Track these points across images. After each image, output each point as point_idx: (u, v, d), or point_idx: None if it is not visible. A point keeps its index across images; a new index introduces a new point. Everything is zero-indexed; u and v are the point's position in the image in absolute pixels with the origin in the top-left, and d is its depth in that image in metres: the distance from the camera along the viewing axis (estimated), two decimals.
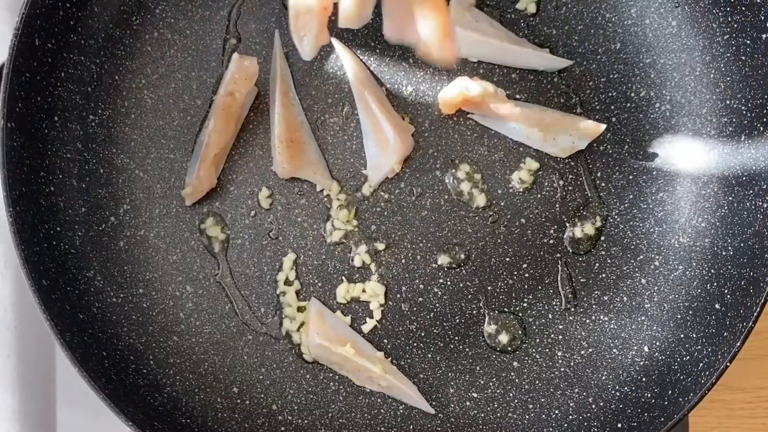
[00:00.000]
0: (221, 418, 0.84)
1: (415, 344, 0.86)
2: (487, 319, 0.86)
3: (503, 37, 0.85)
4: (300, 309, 0.86)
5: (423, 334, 0.86)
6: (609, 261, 0.86)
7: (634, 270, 0.85)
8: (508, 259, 0.86)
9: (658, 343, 0.84)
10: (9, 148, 0.77)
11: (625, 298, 0.85)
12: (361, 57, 0.87)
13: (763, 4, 0.78)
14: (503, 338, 0.85)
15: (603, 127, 0.84)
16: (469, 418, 0.85)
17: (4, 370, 0.88)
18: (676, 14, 0.85)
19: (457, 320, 0.86)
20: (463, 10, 0.85)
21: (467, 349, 0.85)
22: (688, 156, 0.85)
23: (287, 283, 0.86)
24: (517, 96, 0.87)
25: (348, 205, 0.86)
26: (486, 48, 0.85)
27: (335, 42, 0.87)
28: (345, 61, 0.86)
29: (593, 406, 0.84)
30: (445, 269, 0.86)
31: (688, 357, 0.80)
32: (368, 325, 0.85)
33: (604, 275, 0.86)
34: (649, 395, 0.81)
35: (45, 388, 0.91)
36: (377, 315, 0.85)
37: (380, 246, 0.86)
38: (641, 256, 0.85)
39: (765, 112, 0.80)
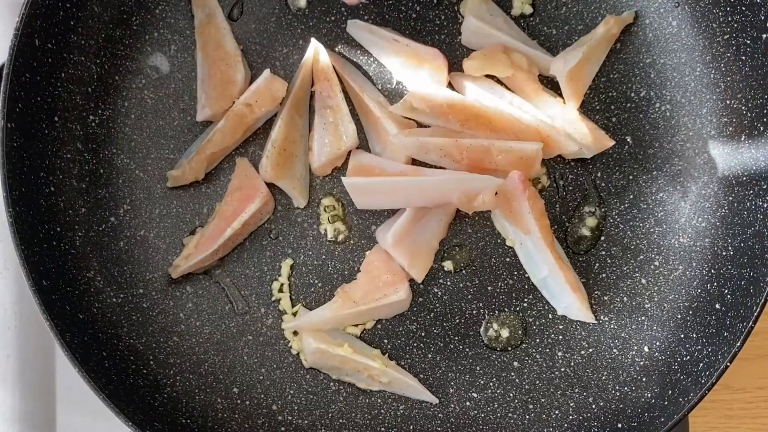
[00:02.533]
0: (221, 418, 0.84)
1: (415, 344, 0.86)
2: (487, 318, 0.86)
3: (515, 36, 0.85)
4: (295, 314, 0.86)
5: (423, 334, 0.86)
6: (609, 261, 0.86)
7: (634, 270, 0.85)
8: (508, 260, 0.86)
9: (658, 343, 0.84)
10: (9, 148, 0.77)
11: (625, 298, 0.85)
12: (361, 60, 0.88)
13: (763, 4, 0.78)
14: (503, 338, 0.85)
15: (612, 142, 0.84)
16: (469, 418, 0.85)
17: (4, 370, 0.88)
18: (676, 14, 0.85)
19: (457, 320, 0.86)
20: (481, 2, 0.85)
21: (467, 349, 0.85)
22: (689, 156, 0.85)
23: (281, 290, 0.86)
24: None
25: (340, 219, 0.86)
26: (494, 43, 0.85)
27: (329, 54, 0.87)
28: (340, 71, 0.86)
29: (593, 406, 0.84)
30: (445, 269, 0.86)
31: (688, 357, 0.80)
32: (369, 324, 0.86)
33: (604, 275, 0.86)
34: (649, 395, 0.81)
35: (45, 388, 0.91)
36: (370, 324, 0.86)
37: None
38: (641, 256, 0.85)
39: (765, 112, 0.80)
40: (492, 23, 0.85)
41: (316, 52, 0.86)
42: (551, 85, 0.86)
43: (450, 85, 0.86)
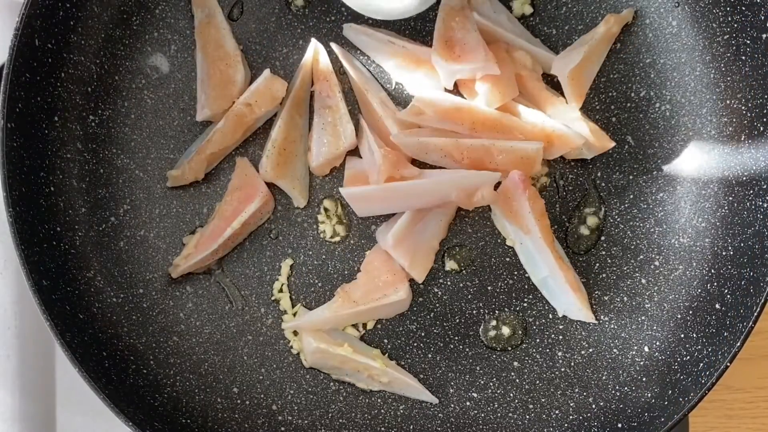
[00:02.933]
0: (221, 418, 0.84)
1: (415, 344, 0.86)
2: (487, 318, 0.86)
3: (518, 33, 0.85)
4: (295, 314, 0.86)
5: (423, 334, 0.86)
6: (609, 261, 0.86)
7: (634, 270, 0.85)
8: (508, 259, 0.86)
9: (658, 343, 0.84)
10: (9, 148, 0.77)
11: (625, 298, 0.85)
12: (362, 60, 0.88)
13: (763, 4, 0.78)
14: (503, 338, 0.85)
15: (612, 144, 0.84)
16: (469, 418, 0.85)
17: (4, 370, 0.88)
18: (676, 14, 0.85)
19: (457, 320, 0.86)
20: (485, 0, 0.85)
21: (467, 349, 0.85)
22: (688, 156, 0.85)
23: (281, 290, 0.86)
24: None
25: (338, 221, 0.86)
26: (497, 41, 0.85)
27: (335, 47, 0.87)
28: (346, 65, 0.86)
29: (593, 406, 0.84)
30: (445, 269, 0.86)
31: (688, 357, 0.81)
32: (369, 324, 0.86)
33: (604, 275, 0.86)
34: (649, 395, 0.81)
35: (45, 388, 0.91)
36: (371, 324, 0.86)
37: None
38: (641, 256, 0.85)
39: (765, 112, 0.80)
40: (494, 20, 0.85)
41: (316, 52, 0.86)
42: (554, 83, 0.86)
43: (456, 89, 0.85)
